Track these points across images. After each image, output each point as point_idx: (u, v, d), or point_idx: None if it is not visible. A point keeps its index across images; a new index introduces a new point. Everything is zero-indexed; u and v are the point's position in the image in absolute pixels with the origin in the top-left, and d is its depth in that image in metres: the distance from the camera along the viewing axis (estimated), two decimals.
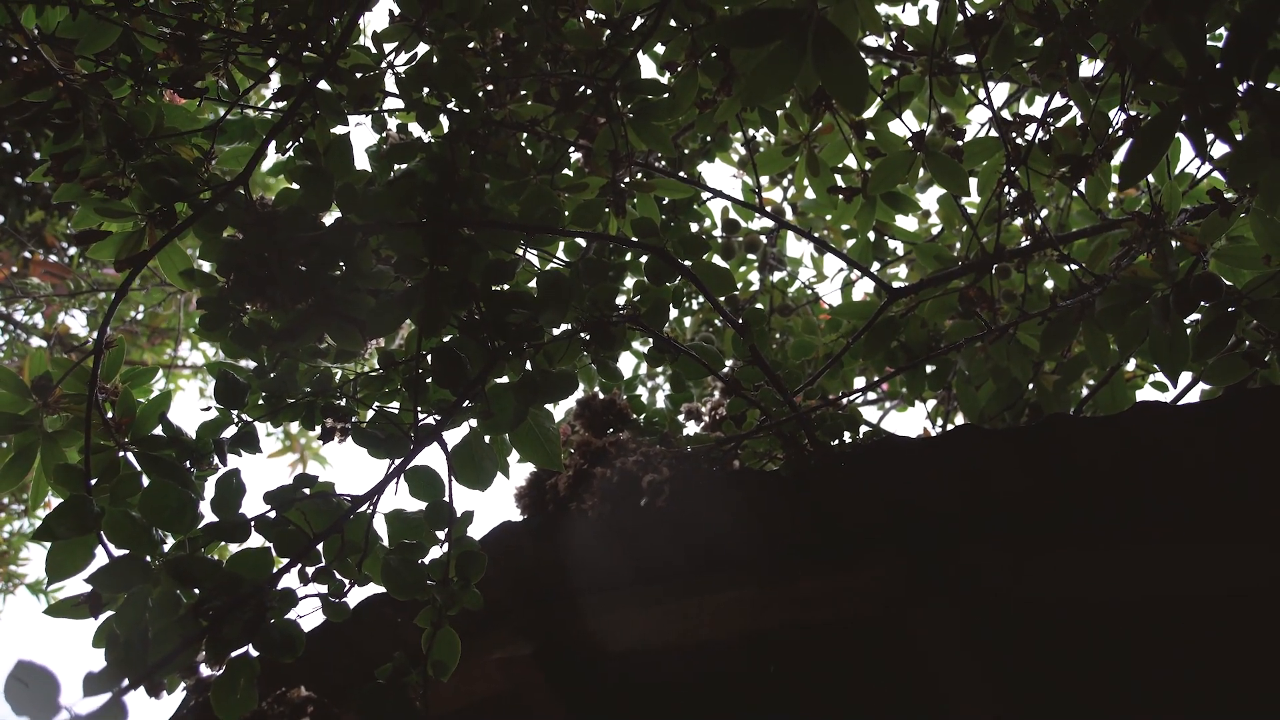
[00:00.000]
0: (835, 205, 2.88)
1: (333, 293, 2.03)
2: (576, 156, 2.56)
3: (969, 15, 2.58)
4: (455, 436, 2.09)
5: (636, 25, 2.43)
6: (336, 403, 2.15)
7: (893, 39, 2.83)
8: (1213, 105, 1.79)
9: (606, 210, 2.37)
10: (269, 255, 2.00)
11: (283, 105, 2.19)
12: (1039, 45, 2.39)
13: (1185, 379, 2.86)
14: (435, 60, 2.32)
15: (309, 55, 2.20)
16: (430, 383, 2.03)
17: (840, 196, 2.77)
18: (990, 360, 2.75)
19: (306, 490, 1.83)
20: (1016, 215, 2.53)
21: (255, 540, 1.82)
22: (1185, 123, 1.83)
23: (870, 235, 3.32)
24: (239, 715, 1.76)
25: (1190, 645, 2.18)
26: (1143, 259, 2.41)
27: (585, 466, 2.47)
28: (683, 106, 2.37)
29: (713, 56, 2.38)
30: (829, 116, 2.76)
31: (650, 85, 2.34)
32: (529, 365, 2.01)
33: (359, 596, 3.20)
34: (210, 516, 1.84)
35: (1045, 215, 2.91)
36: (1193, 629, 2.17)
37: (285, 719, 1.81)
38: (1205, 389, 2.80)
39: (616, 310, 2.05)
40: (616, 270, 2.10)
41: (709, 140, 3.24)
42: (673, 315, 3.97)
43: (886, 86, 2.83)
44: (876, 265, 3.74)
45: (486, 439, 2.04)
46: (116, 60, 2.20)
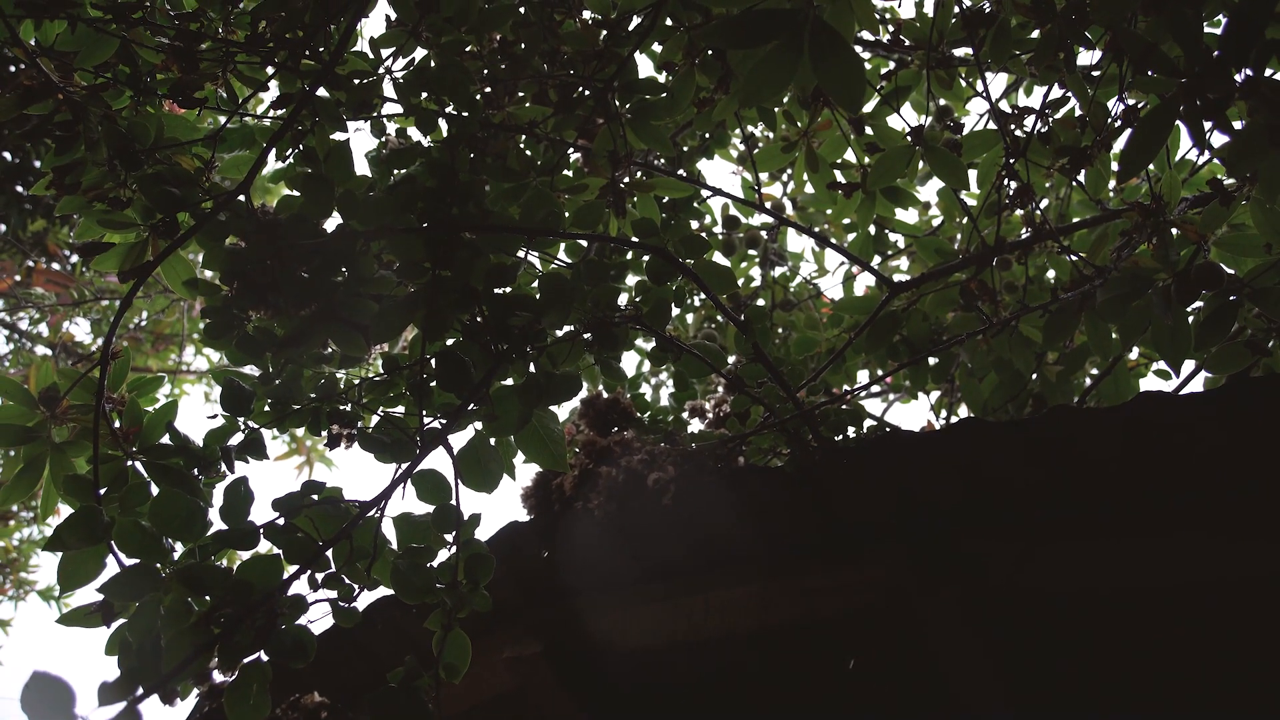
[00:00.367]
0: (835, 201, 2.88)
1: (336, 299, 2.04)
2: (576, 157, 2.57)
3: (965, 8, 2.58)
4: (461, 440, 2.10)
5: (633, 25, 2.44)
6: (342, 408, 2.15)
7: (889, 33, 2.83)
8: (1210, 96, 1.80)
9: (607, 211, 2.38)
10: (271, 263, 2.01)
11: (282, 113, 2.19)
12: (1036, 37, 2.39)
13: (1188, 368, 2.87)
14: (433, 65, 2.32)
15: (307, 62, 2.20)
16: (435, 387, 2.04)
17: (840, 192, 2.78)
18: (993, 352, 2.75)
19: (314, 496, 1.84)
20: (1016, 207, 2.53)
21: (264, 547, 1.83)
22: (1183, 113, 1.84)
23: (871, 229, 3.33)
24: None
25: (1193, 633, 2.19)
26: (1144, 249, 2.41)
27: (590, 466, 2.48)
28: (681, 106, 2.37)
29: (710, 56, 2.39)
30: (827, 113, 2.76)
31: (648, 85, 2.34)
32: (533, 367, 2.01)
33: (368, 600, 3.21)
34: (219, 524, 1.85)
35: (1045, 207, 2.92)
36: (1196, 617, 2.18)
37: None
38: (1208, 378, 2.80)
39: (619, 310, 2.06)
40: (618, 271, 2.10)
41: (707, 138, 3.24)
42: (675, 313, 3.98)
43: (884, 81, 2.83)
44: (877, 259, 3.74)
45: (492, 441, 2.05)
46: (115, 72, 2.20)
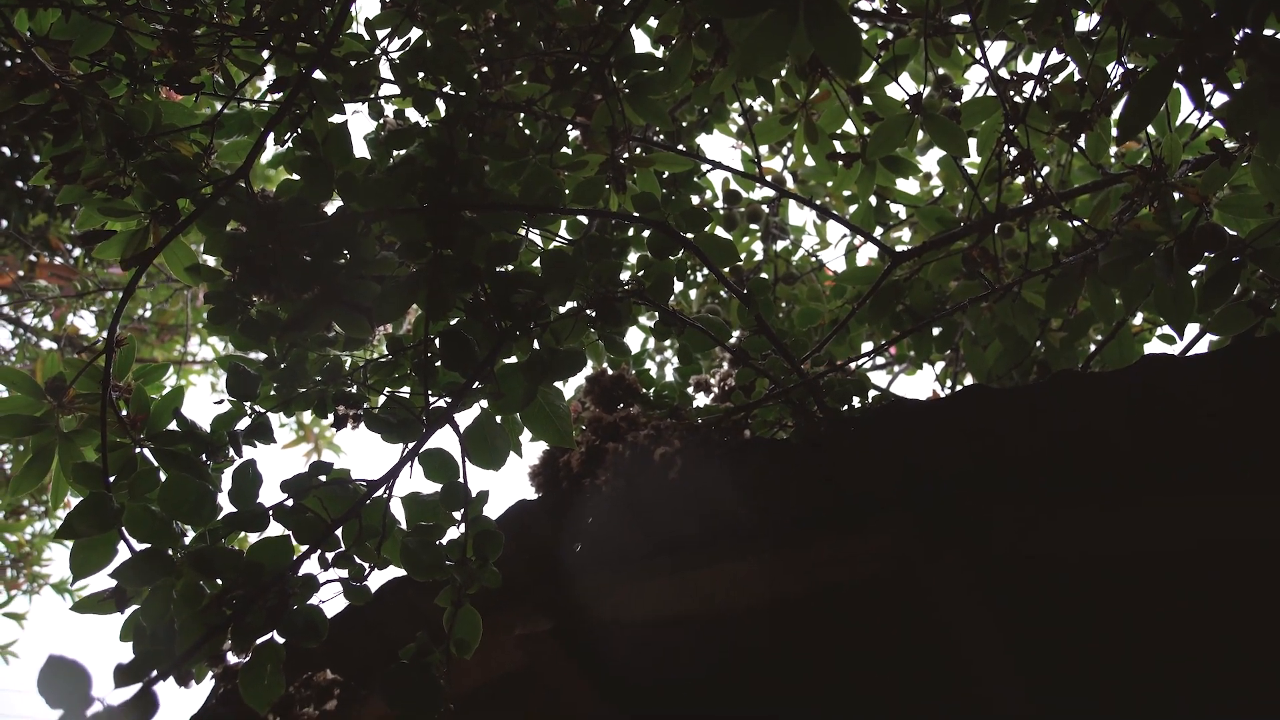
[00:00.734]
0: (835, 172, 2.87)
1: (338, 281, 2.05)
2: (575, 135, 2.56)
3: None
4: (467, 418, 2.11)
5: (628, 0, 2.43)
6: (348, 390, 2.16)
7: (885, 2, 2.82)
8: (1209, 55, 1.79)
9: (607, 187, 2.38)
10: (273, 247, 2.01)
11: (279, 97, 2.19)
12: (1034, 2, 2.38)
13: (1192, 332, 2.86)
14: (429, 44, 2.32)
15: (303, 45, 2.20)
16: (439, 366, 2.05)
17: (840, 162, 2.77)
18: (996, 319, 2.75)
19: (322, 477, 1.85)
20: (1017, 173, 2.53)
21: (274, 529, 1.85)
22: (1182, 74, 1.83)
23: (872, 201, 3.32)
24: (268, 700, 1.79)
25: (1201, 597, 2.19)
26: (1145, 213, 2.40)
27: (597, 442, 2.49)
28: (678, 79, 2.37)
29: (706, 29, 2.38)
30: (825, 83, 2.75)
31: (645, 60, 2.33)
32: (536, 344, 2.02)
33: (380, 582, 3.23)
34: (228, 508, 1.86)
35: (1046, 173, 2.91)
36: (1204, 581, 2.18)
37: (312, 702, 1.83)
38: (1213, 340, 2.80)
39: (621, 286, 2.06)
40: (620, 247, 2.10)
41: (706, 112, 3.24)
42: (678, 289, 3.98)
43: (881, 50, 2.82)
44: (879, 231, 3.73)
45: (498, 419, 2.06)
46: (111, 60, 2.20)
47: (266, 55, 2.23)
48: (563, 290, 1.99)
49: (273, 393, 2.18)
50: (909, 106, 2.49)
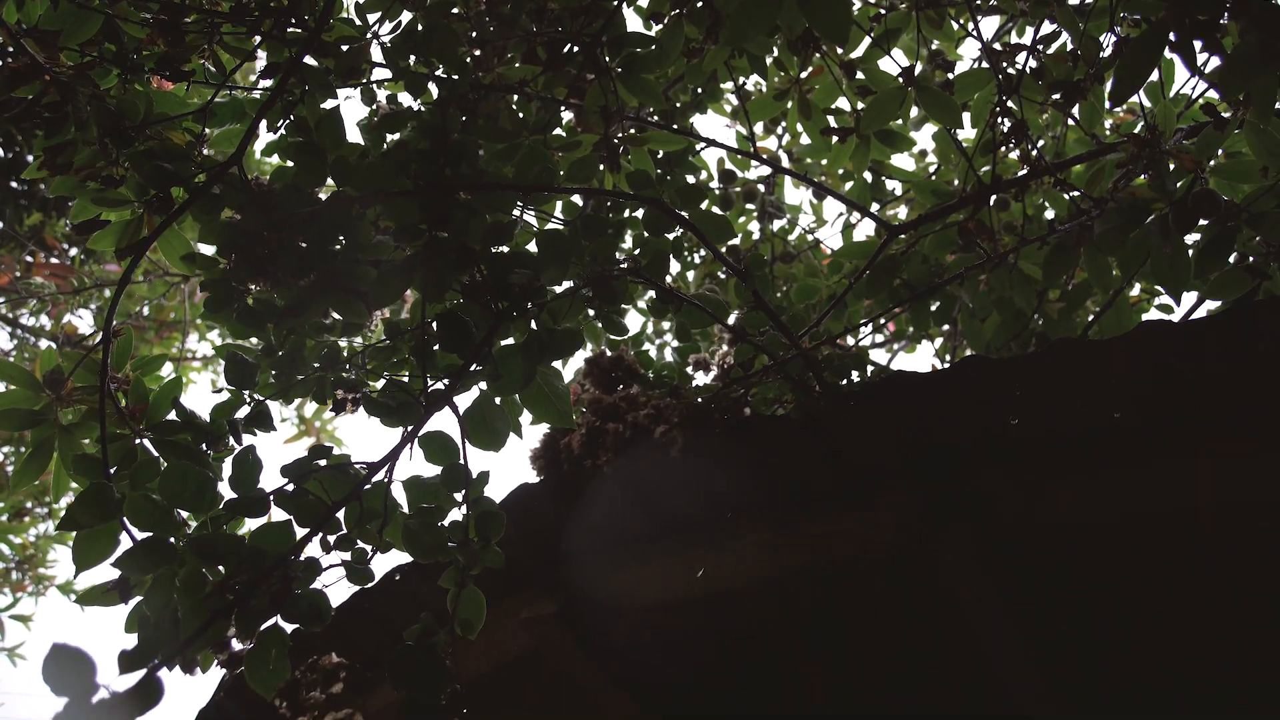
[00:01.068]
0: (830, 148, 2.87)
1: (334, 266, 2.04)
2: (568, 117, 2.55)
3: None
4: (467, 401, 2.10)
5: None
6: (346, 375, 2.16)
7: None
8: (1200, 17, 1.78)
9: (601, 168, 2.37)
10: (268, 234, 2.00)
11: (271, 84, 2.18)
12: None
13: (1190, 302, 2.86)
14: (420, 27, 2.31)
15: (293, 31, 2.19)
16: (437, 349, 2.04)
17: (834, 138, 2.76)
18: (994, 291, 2.75)
19: (322, 461, 1.85)
20: (1012, 145, 2.52)
21: (276, 516, 1.85)
22: (1174, 37, 1.82)
23: (867, 177, 3.32)
24: (273, 685, 1.79)
25: (1206, 558, 2.19)
26: (1140, 181, 2.40)
27: (597, 423, 2.49)
28: (670, 57, 2.36)
29: (698, 5, 2.37)
30: (818, 59, 2.74)
31: (637, 38, 2.33)
32: (534, 325, 2.02)
33: (384, 573, 3.23)
34: (229, 496, 1.86)
35: (1041, 145, 2.90)
36: (1209, 542, 2.18)
37: (319, 685, 1.83)
38: (1212, 308, 2.80)
39: (618, 264, 2.06)
40: (616, 227, 2.10)
41: (700, 92, 3.23)
42: (675, 270, 3.97)
43: (874, 24, 2.81)
44: (875, 207, 3.72)
45: (497, 401, 2.06)
46: (101, 50, 2.19)
47: (257, 41, 2.22)
48: (559, 269, 1.99)
49: (271, 380, 2.18)
50: (902, 80, 2.48)
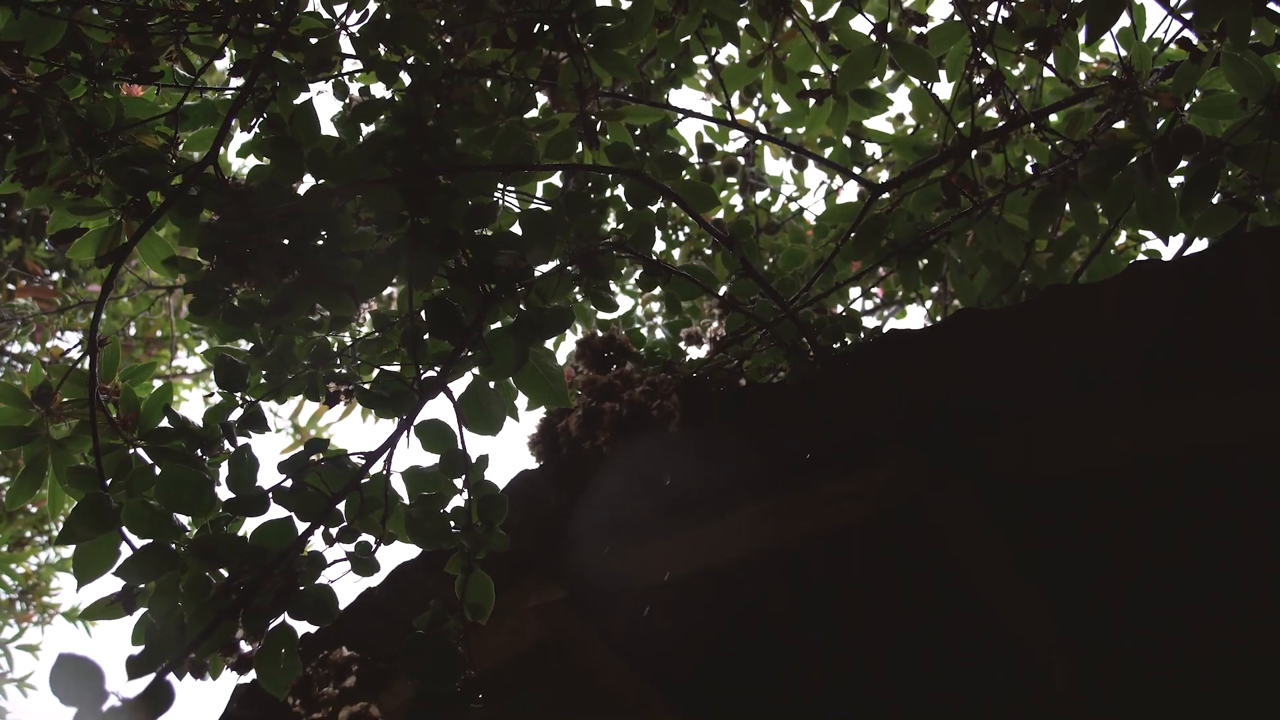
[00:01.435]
0: (808, 113, 2.85)
1: (318, 261, 2.03)
2: (544, 101, 2.53)
3: None
4: (461, 387, 2.09)
5: None
6: (338, 371, 2.15)
7: None
8: None
9: (580, 146, 2.36)
10: (248, 233, 1.99)
11: (241, 82, 2.16)
12: None
13: (1179, 244, 2.86)
14: (388, 16, 2.29)
15: (260, 27, 2.17)
16: (428, 337, 2.03)
17: (811, 100, 2.75)
18: (981, 245, 2.74)
19: (319, 455, 1.84)
20: (989, 98, 2.51)
21: (276, 513, 1.83)
22: None
23: (846, 141, 3.31)
24: (285, 685, 1.78)
25: (1210, 498, 2.19)
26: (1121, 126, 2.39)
27: (593, 404, 2.47)
28: (642, 29, 2.34)
29: None
30: (790, 23, 2.73)
31: (607, 12, 2.31)
32: (523, 305, 2.00)
33: (389, 569, 3.22)
34: (227, 498, 1.85)
35: (1018, 97, 2.89)
36: (1212, 482, 2.18)
37: (331, 680, 1.82)
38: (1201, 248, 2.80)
39: (603, 239, 2.05)
40: (599, 207, 2.09)
41: (674, 67, 3.21)
42: (661, 246, 3.96)
43: None
44: (856, 172, 3.71)
45: (491, 385, 2.04)
46: (67, 59, 2.17)
47: (224, 39, 2.20)
48: (545, 248, 1.97)
49: (262, 381, 2.17)
50: (875, 37, 2.47)
